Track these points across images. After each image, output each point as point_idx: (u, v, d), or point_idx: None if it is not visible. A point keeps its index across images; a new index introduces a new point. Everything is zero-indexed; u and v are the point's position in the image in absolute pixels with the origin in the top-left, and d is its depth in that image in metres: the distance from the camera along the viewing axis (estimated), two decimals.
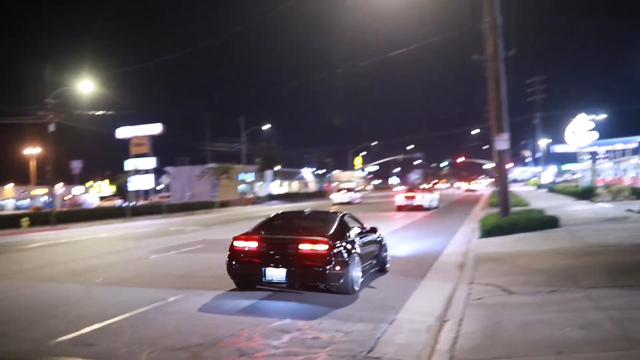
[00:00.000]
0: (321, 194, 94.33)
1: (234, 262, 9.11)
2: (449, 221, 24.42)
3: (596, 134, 32.77)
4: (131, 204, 46.26)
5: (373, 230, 11.07)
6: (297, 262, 8.60)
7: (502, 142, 17.42)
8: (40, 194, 74.12)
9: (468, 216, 27.01)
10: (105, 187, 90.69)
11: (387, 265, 11.27)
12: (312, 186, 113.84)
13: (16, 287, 10.67)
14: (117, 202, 70.52)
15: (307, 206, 52.01)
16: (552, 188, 53.55)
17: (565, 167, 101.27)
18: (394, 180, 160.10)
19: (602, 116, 55.34)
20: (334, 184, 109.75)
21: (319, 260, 8.51)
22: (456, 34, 27.90)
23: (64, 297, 9.42)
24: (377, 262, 10.82)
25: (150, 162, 56.21)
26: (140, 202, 62.26)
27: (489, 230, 15.46)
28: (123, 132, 57.63)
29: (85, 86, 35.95)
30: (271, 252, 8.82)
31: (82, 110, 39.62)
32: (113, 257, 15.59)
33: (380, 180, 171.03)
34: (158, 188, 68.28)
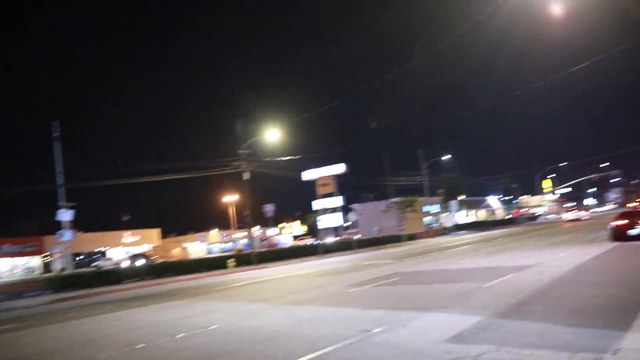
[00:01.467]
0: (511, 221, 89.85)
1: (614, 231, 22.60)
2: None
3: None
4: (322, 242, 48.02)
5: None
6: None
7: None
8: (240, 237, 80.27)
9: None
10: (297, 227, 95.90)
11: None
12: (500, 213, 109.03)
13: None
14: (309, 240, 73.66)
15: (497, 235, 49.74)
16: None
17: None
18: (589, 201, 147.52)
19: None
20: (522, 210, 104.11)
21: None
22: None
23: (274, 330, 9.91)
24: None
25: (337, 201, 58.08)
26: (330, 239, 64.48)
27: None
28: (308, 175, 60.61)
29: (272, 135, 38.65)
30: (631, 223, 22.12)
31: (271, 157, 42.62)
32: (314, 292, 16.16)
33: (574, 203, 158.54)
34: (346, 225, 70.21)
